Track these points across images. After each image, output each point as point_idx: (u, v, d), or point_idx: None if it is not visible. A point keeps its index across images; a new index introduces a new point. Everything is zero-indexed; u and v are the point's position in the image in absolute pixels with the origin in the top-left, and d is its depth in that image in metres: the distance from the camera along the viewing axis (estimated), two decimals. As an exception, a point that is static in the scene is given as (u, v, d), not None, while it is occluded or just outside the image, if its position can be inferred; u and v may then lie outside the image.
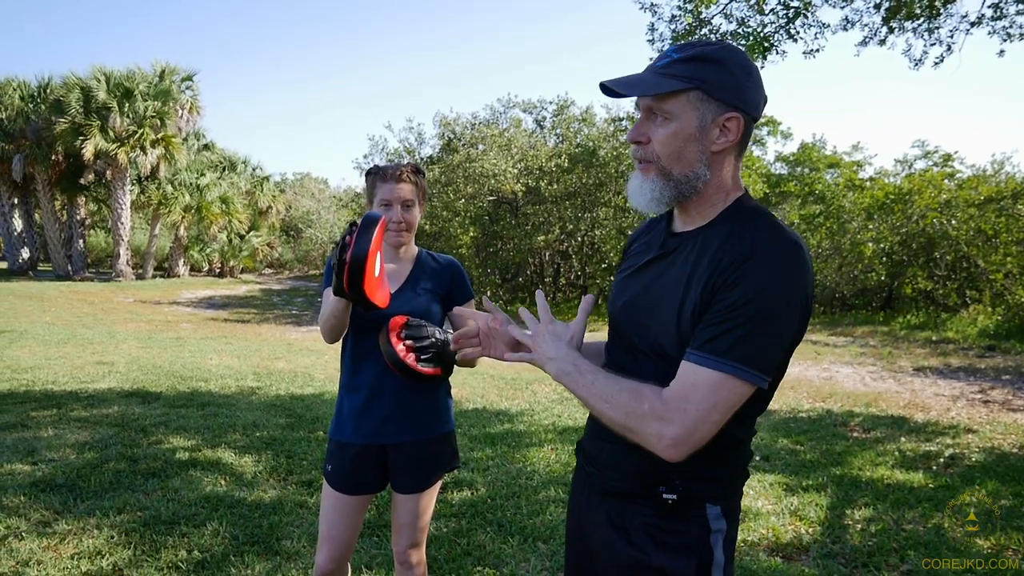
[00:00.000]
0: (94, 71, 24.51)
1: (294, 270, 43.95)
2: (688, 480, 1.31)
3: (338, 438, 2.26)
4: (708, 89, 1.25)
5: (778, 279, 1.19)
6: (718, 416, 1.19)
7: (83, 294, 20.69)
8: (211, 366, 9.12)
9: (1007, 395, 8.10)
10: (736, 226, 1.27)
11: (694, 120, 1.27)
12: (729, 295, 1.19)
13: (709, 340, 1.19)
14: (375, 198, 2.24)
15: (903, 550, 3.52)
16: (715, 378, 1.18)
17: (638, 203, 1.35)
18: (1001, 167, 22.33)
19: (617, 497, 1.40)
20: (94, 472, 4.31)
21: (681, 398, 1.19)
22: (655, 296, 1.34)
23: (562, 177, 20.23)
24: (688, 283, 1.27)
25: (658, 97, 1.27)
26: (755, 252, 1.20)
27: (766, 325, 1.18)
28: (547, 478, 4.54)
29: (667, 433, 1.19)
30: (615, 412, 1.24)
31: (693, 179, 1.29)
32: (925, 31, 7.39)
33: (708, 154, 1.29)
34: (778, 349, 1.21)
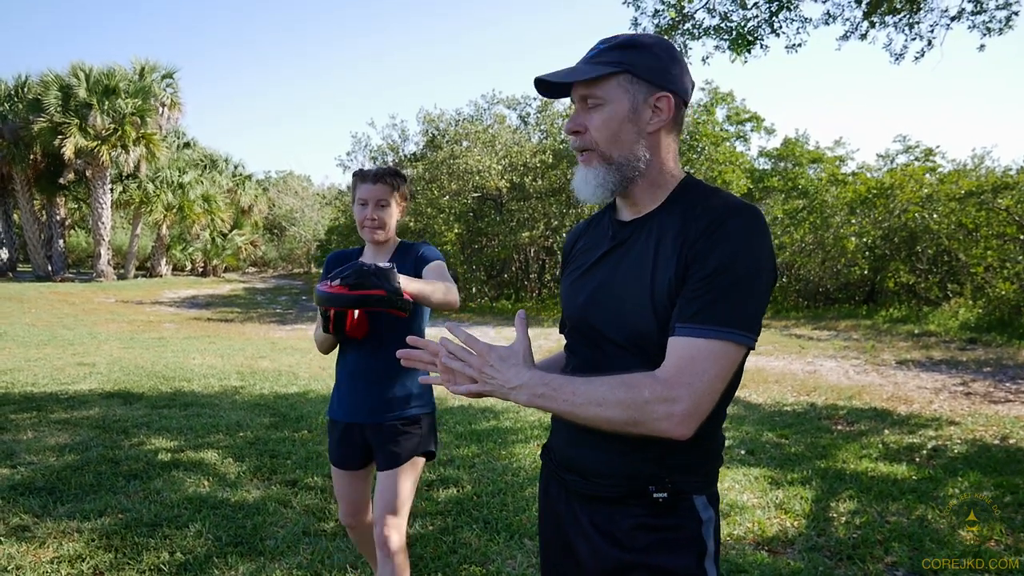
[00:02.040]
0: (73, 68, 24.25)
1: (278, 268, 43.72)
2: (676, 476, 1.31)
3: (330, 416, 2.54)
4: (636, 71, 1.30)
5: (749, 242, 1.21)
6: (721, 384, 1.20)
7: (63, 295, 20.46)
8: (194, 366, 9.04)
9: (988, 387, 8.18)
10: (693, 202, 1.29)
11: (626, 102, 1.31)
12: (705, 265, 1.21)
13: (698, 311, 1.20)
14: (355, 197, 2.48)
15: (887, 542, 3.53)
16: (713, 347, 1.19)
17: (584, 194, 1.36)
18: (981, 161, 22.53)
19: (602, 502, 1.37)
20: (74, 475, 4.25)
21: (683, 372, 1.19)
22: (620, 285, 1.34)
23: (547, 173, 20.23)
24: (654, 264, 1.28)
25: (589, 84, 1.32)
26: (722, 221, 1.22)
27: (748, 287, 1.20)
28: (533, 475, 4.53)
29: (676, 411, 1.18)
30: (614, 412, 1.20)
31: (634, 161, 1.32)
32: (906, 26, 7.43)
33: (645, 135, 1.32)
34: (761, 308, 1.23)
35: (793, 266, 18.77)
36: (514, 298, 21.46)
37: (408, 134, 24.38)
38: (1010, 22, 7.01)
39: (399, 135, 24.31)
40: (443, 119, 23.16)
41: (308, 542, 3.41)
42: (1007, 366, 9.55)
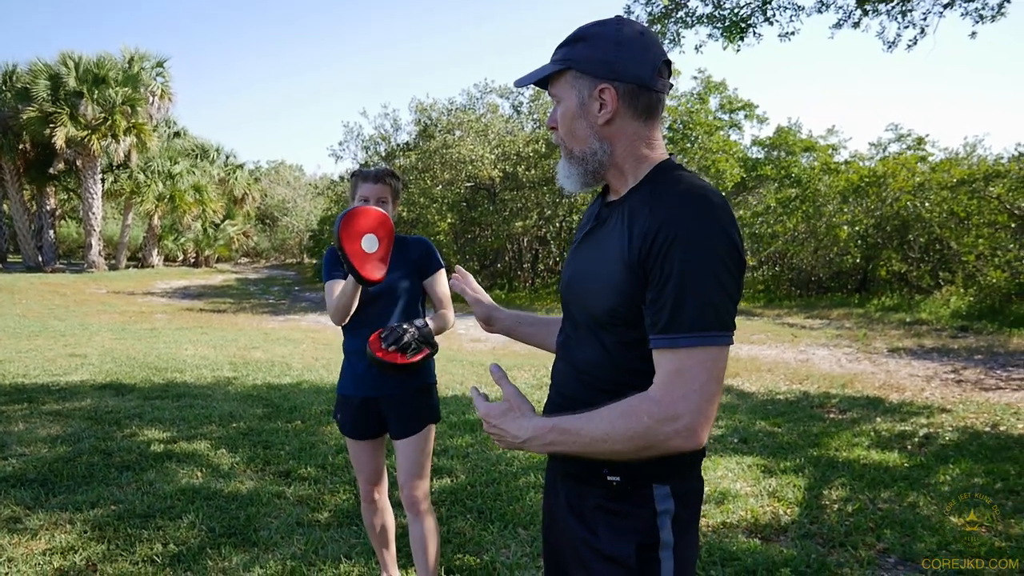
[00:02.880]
0: (62, 57, 24.03)
1: (270, 259, 43.62)
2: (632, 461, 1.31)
3: (343, 392, 2.71)
4: (578, 66, 1.32)
5: (705, 237, 1.19)
6: (716, 386, 1.19)
7: (55, 286, 20.36)
8: (186, 357, 9.02)
9: (979, 375, 8.22)
10: (656, 192, 1.28)
11: (574, 98, 1.34)
12: (664, 268, 1.20)
13: (670, 321, 1.19)
14: (356, 195, 2.63)
15: (879, 529, 3.56)
16: (696, 354, 1.18)
17: (561, 185, 1.42)
18: (973, 150, 22.62)
19: (573, 479, 1.41)
20: (66, 466, 4.24)
21: (674, 387, 1.18)
22: (592, 267, 1.37)
23: (540, 163, 20.19)
24: (619, 250, 1.29)
25: (549, 84, 1.38)
26: (675, 218, 1.20)
27: (712, 284, 1.18)
28: (526, 464, 4.54)
29: (681, 427, 1.17)
30: (621, 445, 1.21)
31: (591, 155, 1.35)
32: (899, 13, 7.41)
33: (597, 127, 1.34)
34: (732, 300, 1.21)
35: (786, 255, 18.83)
36: (507, 288, 21.45)
37: (400, 124, 24.35)
38: (1002, 9, 7.00)
39: (391, 125, 24.24)
40: (436, 108, 23.08)
41: (302, 533, 3.40)
42: (998, 354, 9.61)
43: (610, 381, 1.34)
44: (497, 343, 11.63)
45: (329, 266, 2.72)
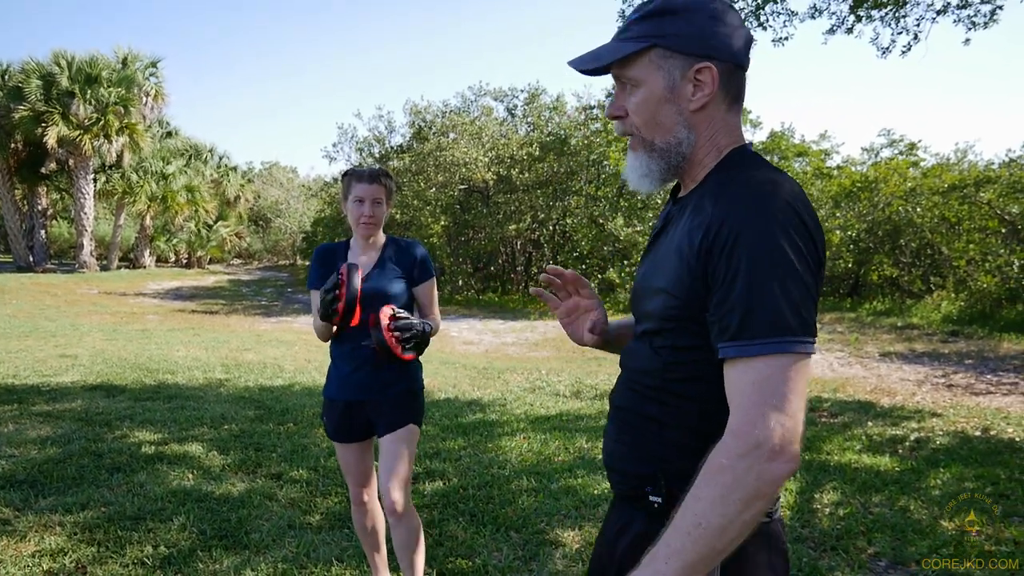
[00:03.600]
0: (55, 56, 23.94)
1: (263, 260, 43.52)
2: (673, 479, 1.17)
3: (329, 396, 2.70)
4: (667, 43, 1.15)
5: (770, 230, 1.03)
6: (800, 401, 1.01)
7: (45, 286, 20.26)
8: (178, 358, 8.98)
9: (970, 379, 8.26)
10: (723, 182, 1.14)
11: (661, 80, 1.17)
12: (731, 265, 1.04)
13: (743, 324, 1.02)
14: (350, 195, 2.62)
15: (870, 533, 3.57)
16: (777, 362, 1.01)
17: (631, 182, 1.25)
18: (964, 155, 22.72)
19: (625, 502, 1.29)
20: (56, 468, 4.21)
21: (751, 408, 1.01)
22: (652, 271, 1.24)
23: (533, 166, 20.20)
24: (679, 248, 1.15)
25: (621, 65, 1.19)
26: (739, 208, 1.06)
27: (790, 280, 1.02)
28: (519, 467, 4.53)
29: (766, 452, 0.98)
30: (719, 518, 1.00)
31: (676, 145, 1.19)
32: (892, 19, 7.45)
33: (687, 114, 1.18)
34: (812, 301, 1.05)
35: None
36: (500, 291, 21.45)
37: (395, 125, 24.31)
38: (994, 16, 7.05)
39: (385, 126, 24.23)
40: (430, 111, 23.08)
41: (293, 535, 3.39)
42: (988, 358, 9.65)
43: (656, 388, 1.20)
44: (490, 346, 11.63)
45: (314, 272, 2.69)
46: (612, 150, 17.75)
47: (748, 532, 1.02)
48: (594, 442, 5.15)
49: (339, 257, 2.70)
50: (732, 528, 1.00)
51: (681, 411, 1.17)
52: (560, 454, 4.88)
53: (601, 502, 3.88)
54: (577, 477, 4.33)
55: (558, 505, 3.84)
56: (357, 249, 2.70)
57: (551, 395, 7.22)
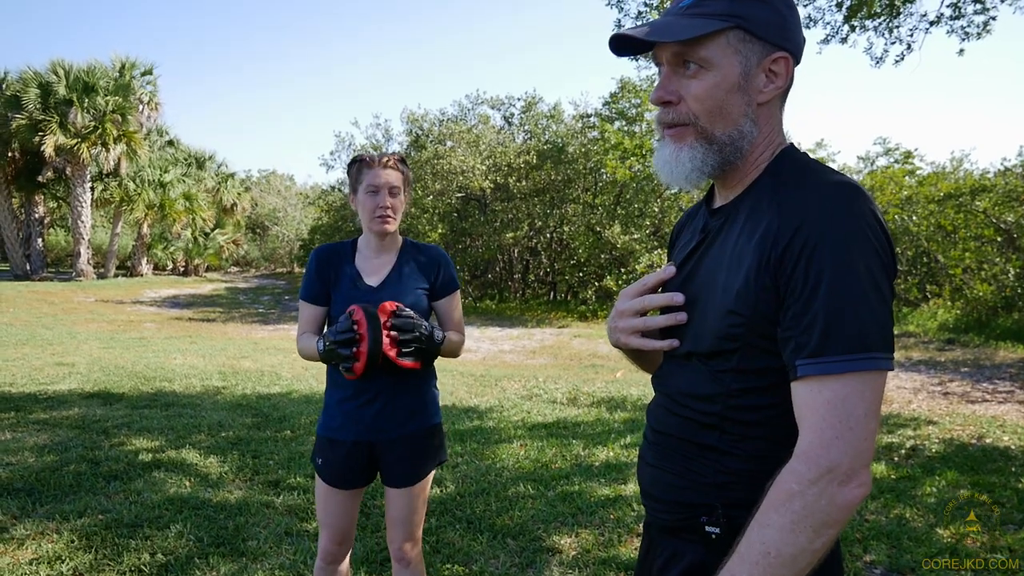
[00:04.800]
0: (52, 65, 23.98)
1: (260, 268, 43.49)
2: (731, 506, 1.09)
3: (328, 435, 2.25)
4: (750, 27, 1.05)
5: (853, 238, 0.96)
6: (875, 423, 0.96)
7: (42, 294, 20.23)
8: (175, 366, 8.98)
9: (966, 387, 8.29)
10: (781, 185, 1.06)
11: (736, 66, 1.06)
12: (809, 278, 0.96)
13: (824, 341, 0.95)
14: (360, 184, 2.21)
15: (866, 540, 3.58)
16: (856, 381, 0.95)
17: (674, 178, 1.12)
18: (960, 164, 22.82)
19: (668, 533, 1.19)
20: (54, 475, 4.22)
21: (826, 428, 0.95)
22: (695, 290, 1.14)
23: (531, 174, 20.26)
24: (739, 260, 1.05)
25: (690, 44, 1.05)
26: (814, 215, 0.98)
27: (872, 295, 0.96)
28: (516, 474, 4.54)
29: (840, 476, 0.93)
30: (790, 547, 0.95)
31: (739, 139, 1.08)
32: (886, 30, 7.52)
33: (754, 106, 1.08)
34: (889, 319, 0.98)
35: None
36: (498, 298, 21.47)
37: (392, 134, 24.36)
38: (988, 27, 7.11)
39: (383, 135, 24.27)
40: (427, 119, 23.16)
41: (291, 542, 3.40)
42: (984, 366, 9.68)
43: (716, 415, 1.10)
44: (487, 353, 11.63)
45: (309, 280, 2.26)
46: (609, 158, 17.81)
47: (819, 561, 0.96)
48: (591, 449, 5.16)
49: (344, 261, 2.25)
50: (803, 557, 0.94)
51: (745, 438, 1.08)
52: (557, 461, 4.89)
53: (598, 509, 3.89)
54: (574, 484, 4.34)
55: (555, 512, 3.84)
56: (368, 251, 2.27)
57: (548, 402, 7.23)
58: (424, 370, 2.23)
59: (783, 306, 1.00)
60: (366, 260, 2.26)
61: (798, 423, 0.98)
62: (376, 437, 2.20)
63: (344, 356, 2.03)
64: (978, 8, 7.06)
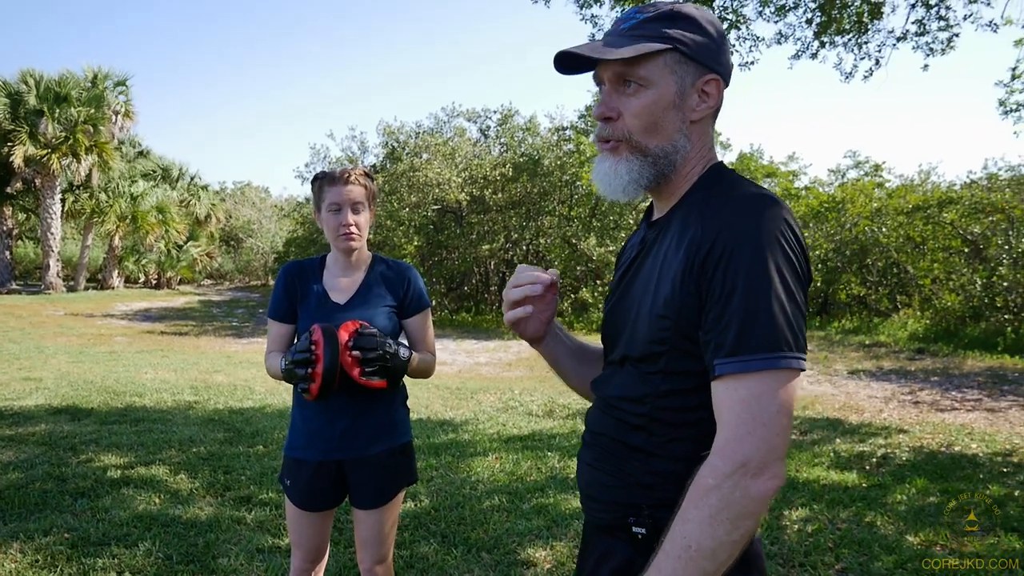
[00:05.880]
0: (23, 75, 23.67)
1: (235, 280, 43.06)
2: (656, 507, 1.14)
3: (294, 455, 2.22)
4: (686, 50, 1.13)
5: (768, 247, 1.02)
6: (788, 420, 1.00)
7: (9, 307, 19.85)
8: (146, 380, 8.85)
9: (935, 396, 8.41)
10: (708, 199, 1.12)
11: (673, 85, 1.13)
12: (727, 282, 1.02)
13: (739, 341, 1.01)
14: (323, 203, 2.17)
15: (838, 548, 3.61)
16: (770, 379, 1.00)
17: (611, 190, 1.18)
18: (927, 177, 23.27)
19: (603, 531, 1.24)
20: (18, 493, 4.13)
21: (740, 424, 0.99)
22: (633, 298, 1.20)
23: (507, 186, 20.31)
24: (668, 268, 1.11)
25: (630, 63, 1.12)
26: (733, 224, 1.04)
27: (785, 297, 1.02)
28: (491, 487, 4.53)
29: (752, 469, 0.98)
30: (709, 539, 0.99)
31: (672, 153, 1.16)
32: (854, 46, 7.65)
33: (688, 123, 1.16)
34: (802, 321, 1.04)
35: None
36: (474, 311, 21.43)
37: (368, 146, 24.31)
38: (951, 43, 7.27)
39: (358, 147, 24.21)
40: (403, 131, 23.14)
41: (262, 559, 3.35)
42: (953, 375, 9.83)
43: (645, 416, 1.15)
44: (463, 366, 11.60)
45: (277, 297, 2.24)
46: (584, 171, 17.91)
47: (739, 552, 1.00)
48: (566, 461, 5.16)
49: (312, 279, 2.22)
50: (723, 549, 0.98)
51: (672, 440, 1.13)
52: (532, 474, 4.88)
53: (573, 521, 3.89)
54: (549, 497, 4.34)
55: (530, 525, 3.83)
56: (336, 268, 2.24)
57: (524, 415, 7.22)
58: (392, 389, 2.19)
59: (704, 309, 1.06)
60: (334, 277, 2.24)
61: (716, 421, 1.03)
62: (343, 456, 2.16)
63: (300, 376, 2.00)
64: (942, 25, 7.22)
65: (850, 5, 7.32)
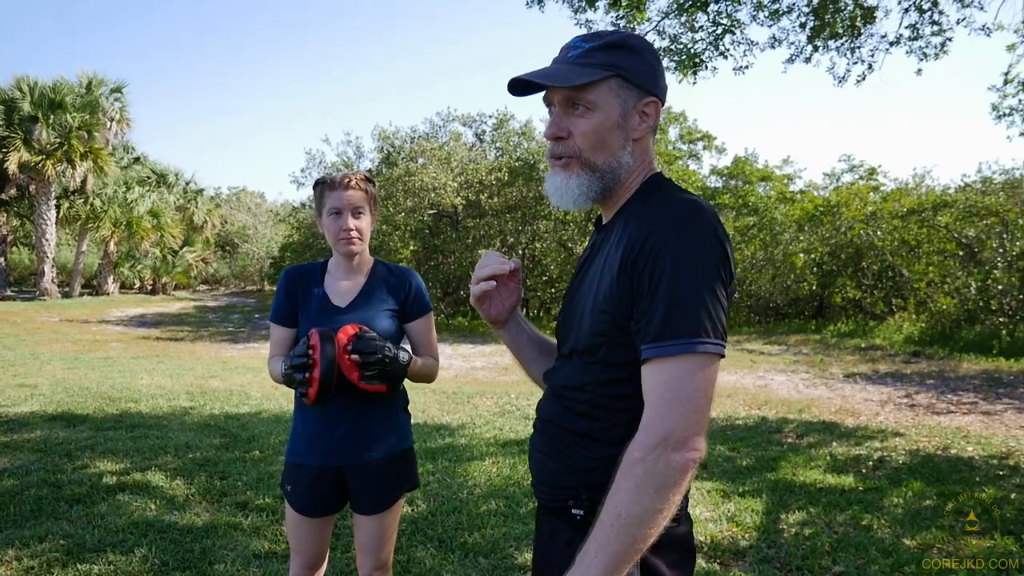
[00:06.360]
0: (17, 81, 23.63)
1: (230, 286, 43.02)
2: (593, 490, 1.23)
3: (294, 460, 2.21)
4: (628, 75, 1.26)
5: (690, 245, 1.14)
6: (706, 400, 1.11)
7: (4, 314, 19.80)
8: (142, 386, 8.82)
9: (931, 399, 8.43)
10: (645, 203, 1.26)
11: (616, 108, 1.26)
12: (654, 276, 1.14)
13: (662, 328, 1.11)
14: (324, 207, 2.18)
15: (835, 552, 3.61)
16: (689, 363, 1.10)
17: (563, 202, 1.31)
18: (922, 180, 23.34)
19: (551, 514, 1.35)
20: (13, 500, 4.11)
21: (662, 404, 1.10)
22: (583, 294, 1.31)
23: (502, 190, 20.33)
24: (604, 272, 1.24)
25: (579, 88, 1.25)
26: (661, 225, 1.16)
27: (705, 290, 1.12)
28: (488, 491, 4.52)
29: (673, 443, 1.08)
30: (638, 507, 1.07)
31: (617, 168, 1.28)
32: (848, 50, 7.68)
33: (630, 141, 1.29)
34: (724, 311, 1.15)
35: (744, 282, 19.14)
36: (470, 315, 21.42)
37: (363, 151, 24.34)
38: (944, 48, 7.31)
39: (354, 152, 24.23)
40: (398, 136, 23.16)
41: (259, 565, 3.34)
42: (949, 378, 9.86)
43: (588, 403, 1.27)
44: (459, 371, 11.59)
45: (279, 301, 2.24)
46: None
47: (666, 521, 1.09)
48: (563, 466, 5.15)
49: (313, 283, 2.23)
50: (649, 517, 1.07)
51: (612, 426, 1.23)
52: (529, 478, 4.87)
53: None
54: (546, 501, 4.33)
55: (527, 530, 3.83)
56: (337, 273, 2.25)
57: (520, 419, 7.21)
58: (392, 393, 2.17)
59: (636, 303, 1.17)
60: (335, 281, 2.24)
61: (644, 401, 1.14)
62: (342, 462, 2.16)
63: (298, 381, 2.00)
64: (935, 29, 7.25)
65: (843, 9, 7.36)
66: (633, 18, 7.54)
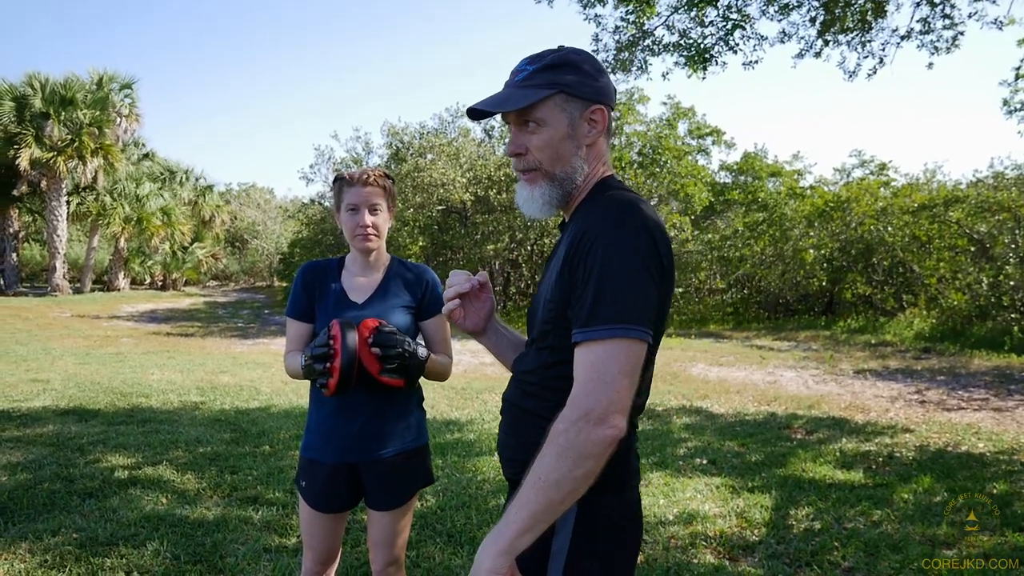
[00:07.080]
0: (28, 78, 23.74)
1: (240, 282, 43.19)
2: None
3: (309, 456, 2.21)
4: (570, 90, 1.36)
5: (621, 239, 1.23)
6: (628, 380, 1.20)
7: (16, 309, 19.94)
8: (153, 381, 8.88)
9: (942, 395, 8.39)
10: (590, 203, 1.37)
11: (564, 120, 1.37)
12: (587, 267, 1.24)
13: (590, 315, 1.22)
14: (342, 203, 2.19)
15: (844, 547, 3.61)
16: (611, 346, 1.19)
17: (531, 211, 1.43)
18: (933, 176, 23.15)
19: (512, 485, 1.43)
20: (26, 494, 4.15)
21: (586, 383, 1.20)
22: (539, 293, 1.45)
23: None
24: (555, 266, 1.36)
25: (526, 109, 1.36)
26: (596, 221, 1.27)
27: (628, 282, 1.21)
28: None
29: (593, 419, 1.17)
30: (557, 472, 1.18)
31: (573, 174, 1.39)
32: (858, 44, 7.64)
33: (583, 148, 1.39)
34: (648, 301, 1.23)
35: (754, 278, 19.09)
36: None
37: (372, 147, 24.33)
38: (956, 41, 7.26)
39: (363, 148, 24.24)
40: (407, 132, 23.16)
41: (269, 558, 3.36)
42: (960, 374, 9.81)
43: (537, 384, 1.41)
44: (468, 366, 11.60)
45: (296, 296, 2.25)
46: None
47: (583, 487, 1.19)
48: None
49: (330, 278, 2.24)
50: (566, 482, 1.18)
51: (558, 404, 1.27)
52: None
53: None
54: (555, 496, 4.33)
55: (536, 524, 3.83)
56: (354, 269, 2.25)
57: (529, 415, 7.22)
58: (408, 389, 2.18)
59: (572, 291, 1.28)
60: (352, 277, 2.25)
61: (574, 381, 1.23)
62: (358, 457, 2.16)
63: (319, 371, 2.00)
64: (947, 24, 7.20)
65: (853, 3, 7.32)
66: (642, 13, 7.52)
